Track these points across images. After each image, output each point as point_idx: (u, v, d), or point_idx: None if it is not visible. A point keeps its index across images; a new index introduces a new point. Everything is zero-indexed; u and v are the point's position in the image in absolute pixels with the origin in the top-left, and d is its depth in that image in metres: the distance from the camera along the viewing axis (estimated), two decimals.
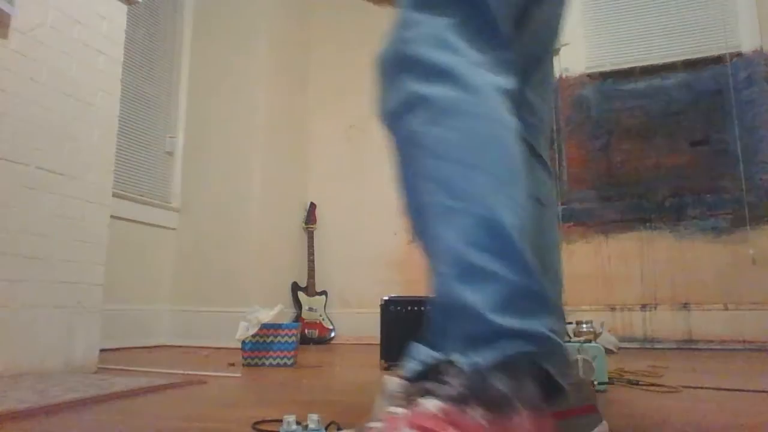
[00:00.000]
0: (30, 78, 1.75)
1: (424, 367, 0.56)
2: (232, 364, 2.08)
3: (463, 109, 0.64)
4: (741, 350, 2.76)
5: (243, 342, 2.09)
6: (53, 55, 1.83)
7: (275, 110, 3.50)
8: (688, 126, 3.09)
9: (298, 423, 0.82)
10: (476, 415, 0.50)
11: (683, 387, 1.49)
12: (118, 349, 2.67)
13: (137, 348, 2.86)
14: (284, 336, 2.09)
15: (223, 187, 3.28)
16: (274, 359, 2.08)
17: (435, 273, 0.61)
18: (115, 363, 2.07)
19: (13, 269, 1.66)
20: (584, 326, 1.65)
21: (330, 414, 1.07)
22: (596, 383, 1.39)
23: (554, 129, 3.28)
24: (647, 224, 3.09)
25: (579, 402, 0.83)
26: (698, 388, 1.47)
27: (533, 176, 0.86)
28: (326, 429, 0.85)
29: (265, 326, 2.08)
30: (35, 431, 0.98)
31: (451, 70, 0.65)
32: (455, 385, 0.52)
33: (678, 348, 2.90)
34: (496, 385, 0.52)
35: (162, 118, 3.32)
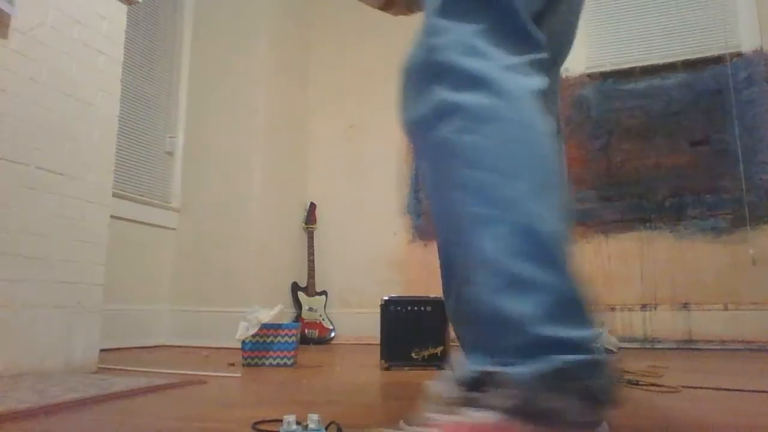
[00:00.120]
0: (30, 78, 1.75)
1: (470, 377, 0.56)
2: (232, 364, 2.08)
3: (498, 116, 0.63)
4: (741, 350, 2.76)
5: (243, 342, 2.09)
6: (53, 55, 1.83)
7: (275, 110, 3.50)
8: (688, 126, 3.09)
9: (298, 423, 0.82)
10: (526, 429, 0.50)
11: (683, 387, 1.49)
12: (118, 349, 2.67)
13: (137, 348, 2.86)
14: (284, 336, 2.09)
15: (223, 187, 3.28)
16: (274, 359, 2.08)
17: (471, 282, 0.60)
18: (115, 363, 2.07)
19: (13, 269, 1.66)
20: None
21: (330, 414, 1.07)
22: None
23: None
24: (647, 224, 3.09)
25: None
26: (698, 388, 1.47)
27: None
28: (326, 429, 0.85)
29: (265, 326, 2.08)
30: (35, 431, 0.98)
31: (483, 77, 0.65)
32: (503, 397, 0.52)
33: (678, 348, 2.90)
34: (544, 398, 0.51)
35: (162, 118, 3.32)
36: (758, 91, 2.97)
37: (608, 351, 2.48)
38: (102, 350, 1.97)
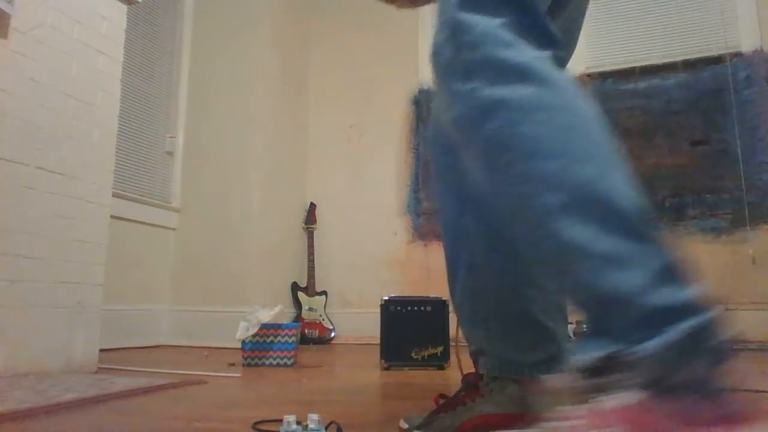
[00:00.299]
0: (30, 78, 1.75)
1: (592, 364, 0.55)
2: (232, 364, 2.08)
3: (547, 104, 0.62)
4: (741, 350, 2.76)
5: (243, 342, 2.09)
6: (53, 55, 1.83)
7: (275, 110, 3.50)
8: (688, 126, 3.09)
9: (298, 423, 0.82)
10: (669, 404, 0.49)
11: None
12: (118, 349, 2.67)
13: (137, 348, 2.86)
14: (284, 336, 2.09)
15: (223, 187, 3.27)
16: (274, 359, 2.08)
17: (567, 272, 0.59)
18: (115, 363, 2.07)
19: (13, 269, 1.66)
20: (584, 326, 1.65)
21: (330, 414, 1.07)
22: None
23: None
24: None
25: None
26: None
27: None
28: (326, 429, 0.85)
29: (265, 326, 2.08)
30: (35, 431, 0.98)
31: (523, 68, 0.64)
32: (637, 376, 0.51)
33: None
34: (678, 369, 0.50)
35: (162, 118, 3.32)
36: (758, 91, 2.97)
37: None
38: (102, 350, 1.97)
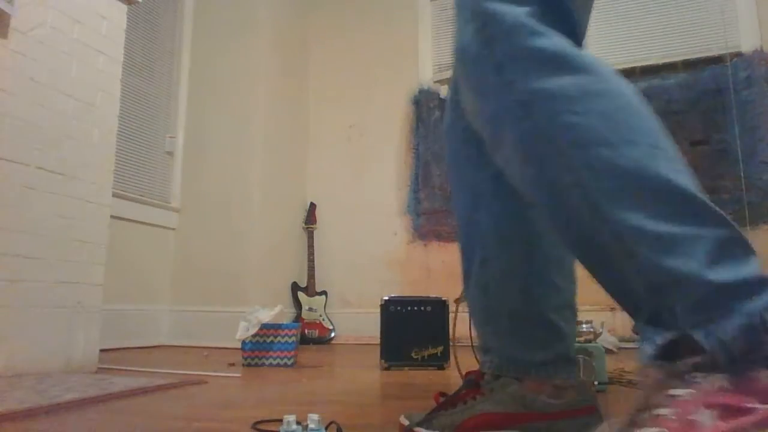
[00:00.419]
0: (30, 78, 1.75)
1: (670, 346, 0.54)
2: (232, 364, 2.08)
3: (587, 91, 0.61)
4: None
5: (243, 342, 2.09)
6: (53, 55, 1.83)
7: (275, 110, 3.50)
8: (688, 126, 3.09)
9: (298, 423, 0.82)
10: (748, 383, 0.49)
11: None
12: (118, 349, 2.67)
13: (137, 348, 2.86)
14: (284, 336, 2.09)
15: (223, 187, 3.27)
16: (274, 359, 2.08)
17: (623, 258, 0.58)
18: (115, 363, 2.07)
19: (13, 269, 1.66)
20: (584, 326, 1.65)
21: (330, 414, 1.07)
22: (596, 383, 1.39)
23: None
24: None
25: (579, 402, 0.83)
26: None
27: None
28: (326, 429, 0.85)
29: (265, 326, 2.08)
30: (35, 431, 0.98)
31: (558, 56, 0.62)
32: (712, 359, 0.50)
33: None
34: (753, 349, 0.50)
35: (162, 118, 3.32)
36: (758, 91, 2.97)
37: (608, 351, 2.48)
38: (102, 350, 1.97)
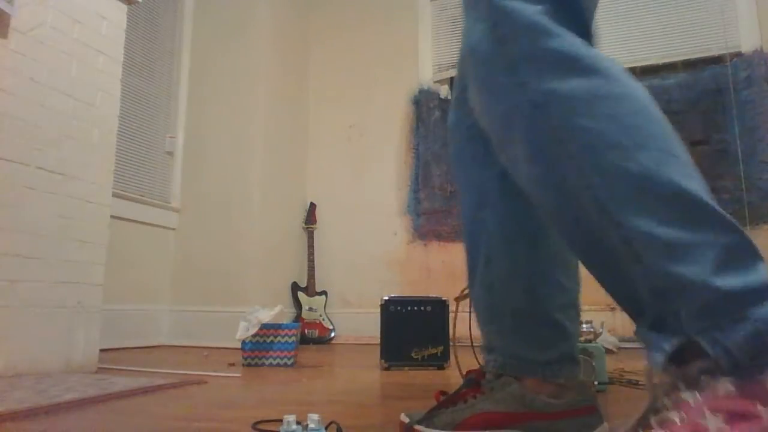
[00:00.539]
0: (30, 78, 1.75)
1: (675, 351, 0.54)
2: (232, 364, 2.08)
3: (601, 94, 0.61)
4: None
5: (243, 342, 2.09)
6: (53, 55, 1.83)
7: (275, 110, 3.50)
8: (688, 126, 3.09)
9: (298, 423, 0.82)
10: (757, 387, 0.49)
11: None
12: (118, 349, 2.67)
13: (137, 348, 2.85)
14: (284, 336, 2.09)
15: (223, 187, 3.27)
16: (274, 359, 2.08)
17: (630, 262, 0.58)
18: (115, 363, 2.07)
19: (13, 269, 1.66)
20: (584, 326, 1.65)
21: (330, 414, 1.07)
22: (596, 383, 1.39)
23: None
24: None
25: (579, 402, 0.83)
26: None
27: None
28: (326, 429, 0.85)
29: (265, 326, 2.08)
30: (35, 431, 0.98)
31: (572, 58, 0.62)
32: (720, 364, 0.50)
33: None
34: (760, 355, 0.50)
35: (162, 118, 3.32)
36: (758, 91, 2.97)
37: (608, 351, 2.48)
38: (102, 350, 1.96)
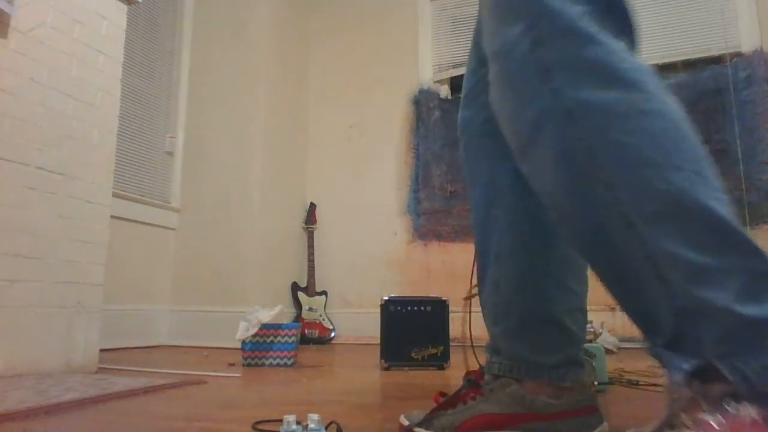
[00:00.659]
0: (30, 78, 1.75)
1: (691, 374, 0.53)
2: (232, 364, 2.08)
3: (637, 110, 0.58)
4: None
5: (243, 342, 2.09)
6: (53, 55, 1.83)
7: (275, 110, 3.50)
8: None
9: (298, 423, 0.82)
10: None
11: None
12: (118, 349, 2.67)
13: (137, 348, 2.86)
14: (284, 336, 2.09)
15: (223, 187, 3.27)
16: (274, 359, 2.08)
17: (653, 281, 0.57)
18: (115, 363, 2.07)
19: (14, 269, 1.66)
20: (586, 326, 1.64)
21: (330, 414, 1.07)
22: (596, 383, 1.39)
23: None
24: None
25: (579, 402, 0.83)
26: None
27: None
28: (326, 429, 0.85)
29: (265, 326, 2.08)
30: (35, 431, 0.98)
31: (611, 68, 0.60)
32: (742, 390, 0.50)
33: None
34: None
35: (162, 118, 3.32)
36: (758, 91, 2.97)
37: (608, 351, 2.48)
38: (102, 350, 1.96)
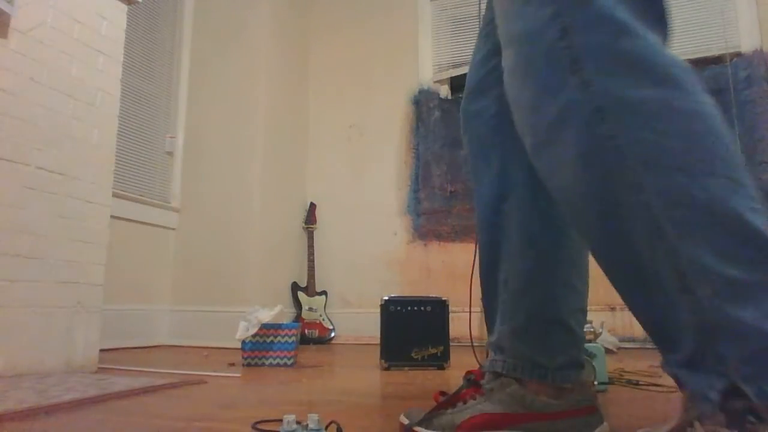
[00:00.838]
0: (30, 78, 1.75)
1: (727, 394, 0.51)
2: (232, 364, 2.08)
3: (672, 108, 0.55)
4: None
5: (243, 342, 2.09)
6: (53, 55, 1.83)
7: (275, 110, 3.50)
8: None
9: (298, 423, 0.82)
10: None
11: None
12: (118, 349, 2.67)
13: (137, 348, 2.85)
14: (284, 336, 2.09)
15: (223, 187, 3.27)
16: (274, 359, 2.08)
17: (682, 293, 0.53)
18: (115, 363, 2.07)
19: (14, 269, 1.66)
20: (585, 326, 1.64)
21: (330, 414, 1.07)
22: (596, 383, 1.39)
23: None
24: None
25: (579, 402, 0.83)
26: None
27: None
28: (326, 429, 0.85)
29: (265, 326, 2.08)
30: (35, 431, 0.98)
31: (646, 62, 0.56)
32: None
33: None
34: None
35: (162, 118, 3.32)
36: (758, 91, 2.97)
37: (608, 351, 2.48)
38: (102, 350, 1.96)
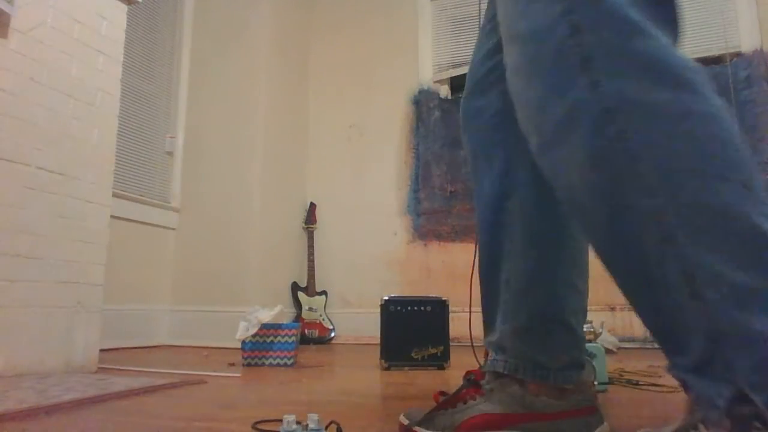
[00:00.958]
0: (30, 78, 1.75)
1: (735, 403, 0.50)
2: (232, 364, 2.08)
3: (688, 112, 0.54)
4: None
5: (243, 342, 2.09)
6: (53, 55, 1.83)
7: (275, 110, 3.50)
8: None
9: (298, 423, 0.82)
10: None
11: None
12: (118, 349, 2.67)
13: (137, 348, 2.85)
14: (284, 336, 2.09)
15: (223, 187, 3.27)
16: (274, 359, 2.08)
17: (691, 299, 0.52)
18: (115, 363, 2.07)
19: (14, 269, 1.66)
20: (584, 326, 1.64)
21: (330, 414, 1.07)
22: (596, 383, 1.39)
23: None
24: None
25: (580, 402, 0.83)
26: None
27: None
28: (326, 429, 0.85)
29: (265, 326, 2.08)
30: (35, 431, 0.98)
31: (659, 64, 0.54)
32: None
33: None
34: None
35: (162, 118, 3.32)
36: (758, 91, 2.97)
37: (608, 351, 2.48)
38: (102, 350, 1.96)
